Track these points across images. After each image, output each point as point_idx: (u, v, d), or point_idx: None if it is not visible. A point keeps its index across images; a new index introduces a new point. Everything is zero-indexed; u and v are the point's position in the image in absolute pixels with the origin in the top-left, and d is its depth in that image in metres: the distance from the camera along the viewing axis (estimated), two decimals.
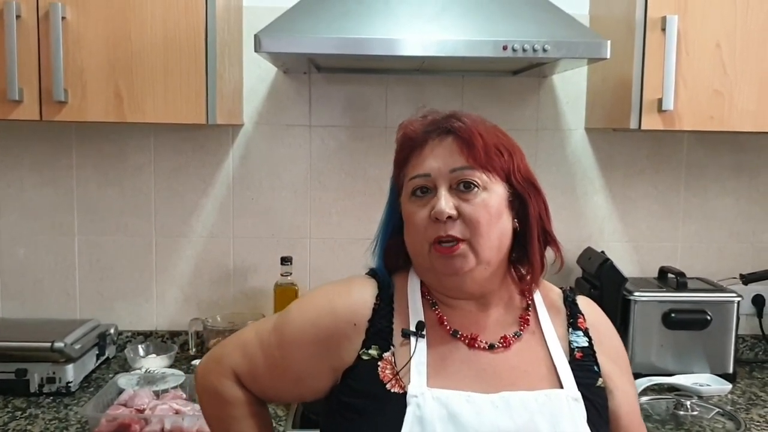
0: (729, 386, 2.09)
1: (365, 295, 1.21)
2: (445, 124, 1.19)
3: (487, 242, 1.14)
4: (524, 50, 1.74)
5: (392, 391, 1.11)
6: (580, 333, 1.24)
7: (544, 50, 1.74)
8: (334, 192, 2.36)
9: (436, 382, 1.12)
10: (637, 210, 2.41)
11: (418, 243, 1.16)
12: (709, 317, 2.14)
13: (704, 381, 2.11)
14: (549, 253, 1.23)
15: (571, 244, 2.39)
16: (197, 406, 1.77)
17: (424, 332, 1.17)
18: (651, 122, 1.95)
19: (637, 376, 2.08)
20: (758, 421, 1.89)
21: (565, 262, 1.25)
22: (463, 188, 1.14)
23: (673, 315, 2.14)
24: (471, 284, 1.17)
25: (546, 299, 1.27)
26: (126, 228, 2.34)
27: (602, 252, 2.24)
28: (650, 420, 1.88)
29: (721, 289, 2.23)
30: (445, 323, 1.19)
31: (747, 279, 2.31)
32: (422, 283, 1.23)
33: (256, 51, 1.75)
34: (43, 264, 2.34)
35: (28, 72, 1.86)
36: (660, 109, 1.92)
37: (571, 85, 2.35)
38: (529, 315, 1.23)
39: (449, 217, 1.12)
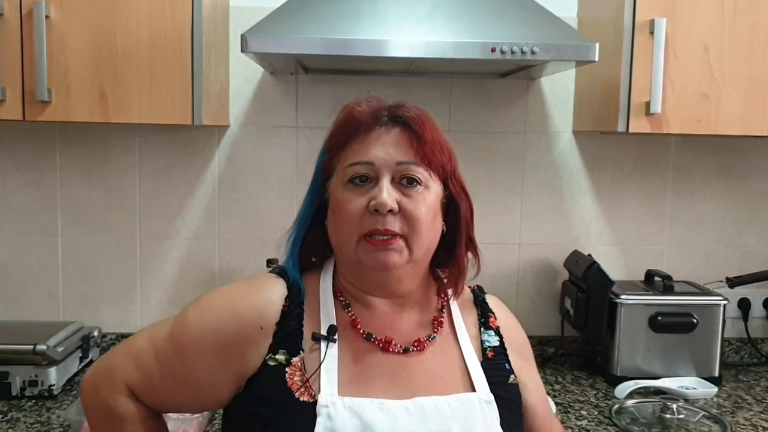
0: (715, 389, 2.10)
1: (272, 296, 1.14)
2: (395, 113, 1.15)
3: (423, 241, 1.11)
4: (512, 52, 1.73)
5: (301, 399, 1.06)
6: (492, 332, 1.24)
7: (533, 52, 1.73)
8: None
9: (347, 390, 1.08)
10: (624, 213, 2.41)
11: (347, 233, 1.11)
12: (695, 320, 2.15)
13: (690, 384, 2.11)
14: None
15: (557, 247, 2.39)
16: None
17: (335, 336, 1.12)
18: (639, 125, 1.94)
19: (623, 379, 2.11)
20: (744, 425, 1.89)
21: (481, 269, 1.24)
22: (405, 183, 1.11)
23: (659, 318, 2.14)
24: (395, 282, 1.15)
25: (459, 300, 1.25)
26: (110, 229, 2.32)
27: (589, 255, 2.24)
28: (636, 423, 1.88)
29: (708, 293, 2.23)
30: (359, 326, 1.15)
31: (733, 282, 2.31)
32: (335, 284, 1.19)
33: (242, 51, 1.74)
34: (27, 266, 2.31)
35: (11, 71, 1.83)
36: (648, 112, 1.92)
37: (558, 88, 2.35)
38: (443, 317, 1.21)
39: (390, 210, 1.08)
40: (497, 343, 1.23)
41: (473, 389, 1.14)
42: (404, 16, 1.82)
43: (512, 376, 1.21)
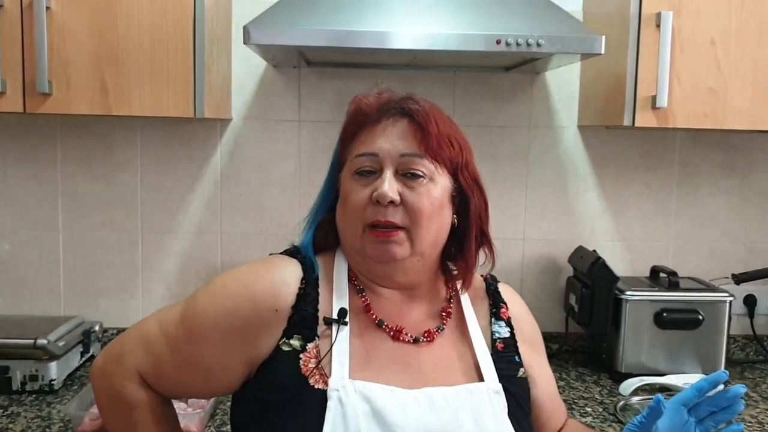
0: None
1: (288, 277, 1.13)
2: (402, 105, 1.16)
3: (426, 234, 1.11)
4: (518, 45, 1.71)
5: (316, 387, 1.05)
6: (503, 323, 1.24)
7: (538, 45, 1.72)
8: None
9: (359, 374, 1.07)
10: (630, 209, 2.40)
11: (352, 223, 1.12)
12: (700, 317, 2.13)
13: (695, 381, 2.09)
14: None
15: (562, 243, 2.38)
16: (182, 404, 1.75)
17: (346, 319, 1.11)
18: (645, 119, 1.93)
19: (628, 375, 2.09)
20: (750, 422, 1.87)
21: (496, 263, 1.24)
22: (409, 175, 1.11)
23: (664, 314, 2.12)
24: (401, 274, 1.15)
25: (471, 290, 1.25)
26: (112, 223, 2.30)
27: (594, 251, 2.22)
28: None
29: (713, 289, 2.22)
30: (371, 311, 1.14)
31: (739, 279, 2.30)
32: (350, 268, 1.18)
33: (245, 43, 1.72)
34: (27, 260, 2.30)
35: (12, 63, 1.82)
36: (654, 107, 1.90)
37: (564, 82, 2.33)
38: (451, 307, 1.21)
39: (391, 202, 1.08)
40: (508, 335, 1.22)
41: (482, 380, 1.14)
42: (408, 8, 1.81)
43: (521, 369, 1.21)
